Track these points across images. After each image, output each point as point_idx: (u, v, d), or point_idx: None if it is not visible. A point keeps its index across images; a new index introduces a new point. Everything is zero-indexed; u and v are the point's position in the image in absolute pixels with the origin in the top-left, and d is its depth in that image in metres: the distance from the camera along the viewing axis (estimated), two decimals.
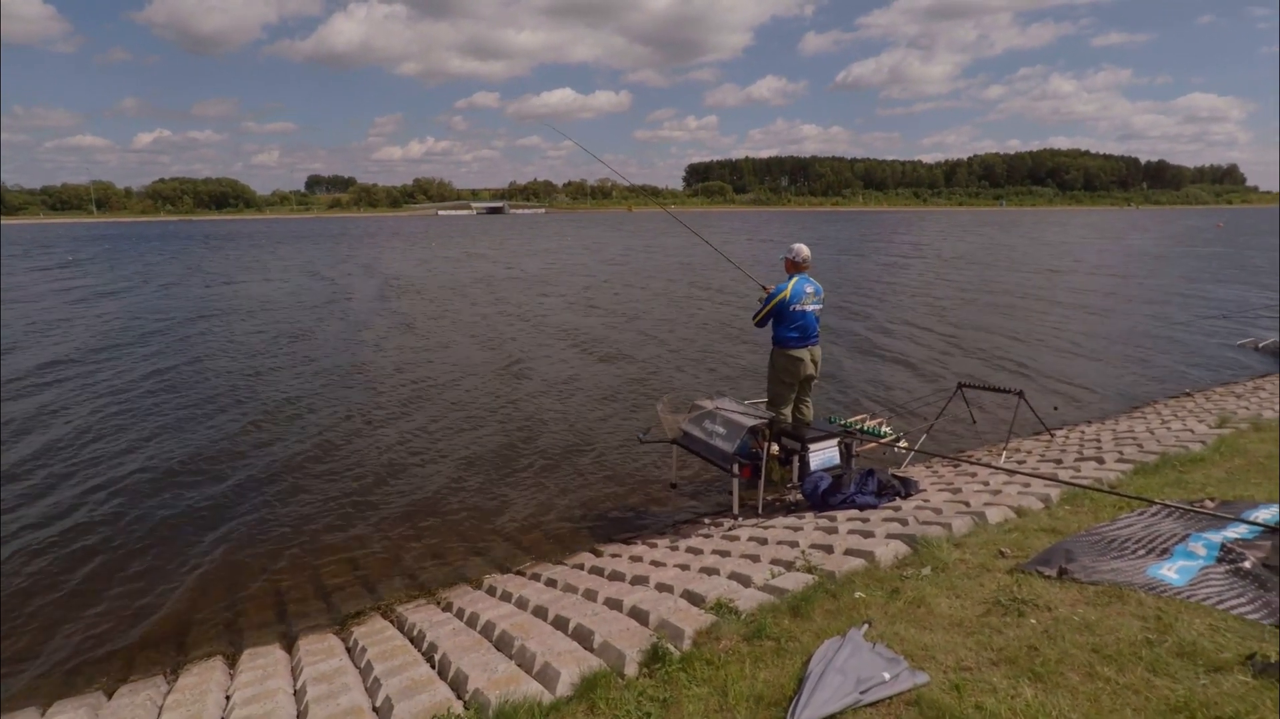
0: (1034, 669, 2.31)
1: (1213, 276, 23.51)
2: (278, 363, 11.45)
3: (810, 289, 5.74)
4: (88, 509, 5.96)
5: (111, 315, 16.67)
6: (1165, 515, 3.61)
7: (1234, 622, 2.50)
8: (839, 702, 2.23)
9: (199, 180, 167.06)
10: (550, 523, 5.70)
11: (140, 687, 3.60)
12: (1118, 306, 17.05)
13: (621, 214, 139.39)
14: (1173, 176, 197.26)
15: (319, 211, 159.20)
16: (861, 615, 2.84)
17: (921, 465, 6.42)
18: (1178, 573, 2.92)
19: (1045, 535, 3.53)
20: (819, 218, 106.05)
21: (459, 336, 13.75)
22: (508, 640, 3.20)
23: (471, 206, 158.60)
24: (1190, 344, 12.52)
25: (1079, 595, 2.81)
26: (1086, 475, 4.79)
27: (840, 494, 4.84)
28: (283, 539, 5.43)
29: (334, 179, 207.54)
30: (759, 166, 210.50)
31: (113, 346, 12.86)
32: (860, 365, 10.96)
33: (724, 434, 5.30)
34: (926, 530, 3.70)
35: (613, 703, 2.44)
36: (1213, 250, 35.66)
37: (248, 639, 4.16)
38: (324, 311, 17.04)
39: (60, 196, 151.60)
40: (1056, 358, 11.49)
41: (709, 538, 4.78)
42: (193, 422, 8.35)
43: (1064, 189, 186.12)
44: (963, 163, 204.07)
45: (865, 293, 19.73)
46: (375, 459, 7.09)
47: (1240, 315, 15.42)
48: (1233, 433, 5.48)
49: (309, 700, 3.00)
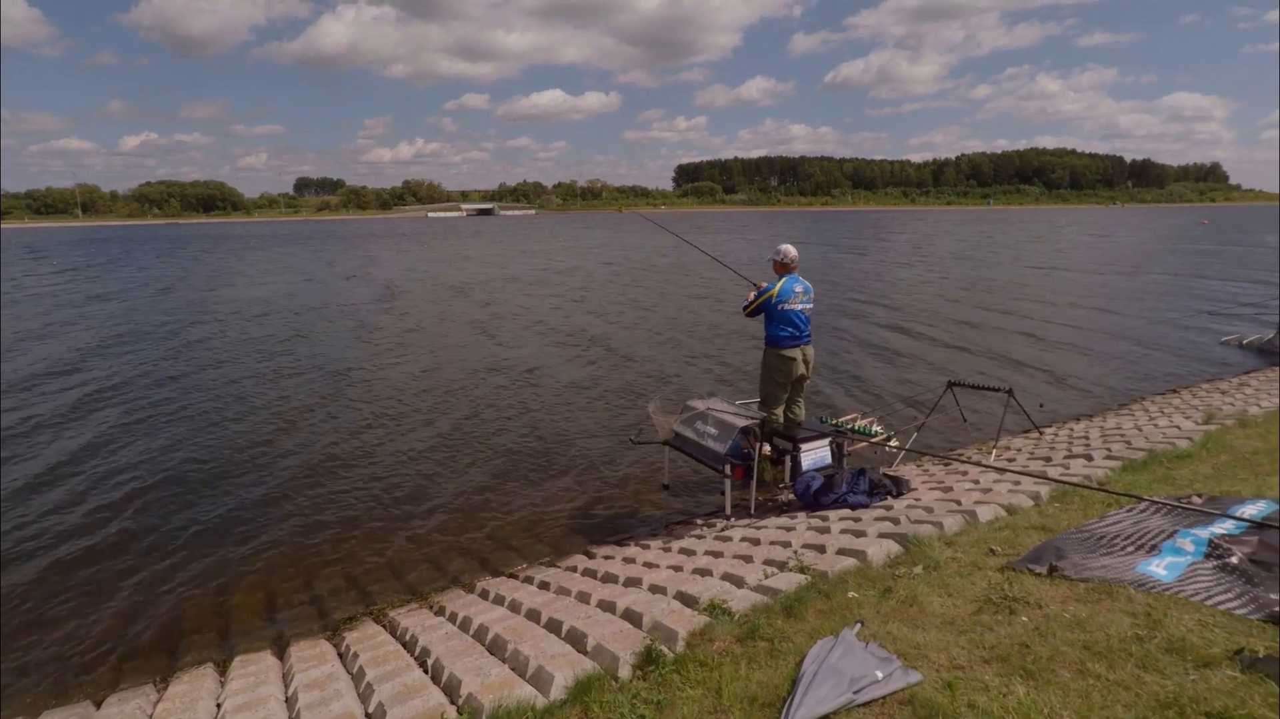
0: (1025, 667, 2.32)
1: (1198, 274, 23.75)
2: (264, 370, 11.38)
3: (799, 288, 5.76)
4: (76, 516, 5.90)
5: (103, 322, 16.52)
6: (1154, 512, 3.64)
7: (1222, 617, 2.53)
8: (833, 702, 2.24)
9: (186, 183, 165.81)
10: (543, 525, 5.69)
11: (130, 695, 3.57)
12: (1104, 304, 17.19)
13: (612, 215, 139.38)
14: (1157, 175, 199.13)
15: (307, 214, 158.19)
16: (854, 615, 2.85)
17: (912, 464, 6.45)
18: (1166, 569, 2.95)
19: (1036, 533, 3.55)
20: (808, 217, 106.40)
21: (448, 340, 13.70)
22: (501, 644, 3.19)
23: (461, 208, 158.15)
24: (1176, 341, 12.64)
25: (1069, 593, 2.83)
26: (1076, 473, 4.82)
27: (832, 494, 4.86)
28: (273, 545, 5.39)
29: (323, 181, 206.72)
30: (748, 167, 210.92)
31: (103, 356, 12.74)
32: (851, 364, 10.99)
33: (716, 435, 5.30)
34: (918, 529, 3.72)
35: (607, 706, 2.44)
36: (1197, 248, 36.03)
37: (239, 646, 4.13)
38: (315, 317, 16.95)
39: (45, 200, 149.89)
40: (1044, 355, 11.57)
41: (702, 539, 4.78)
42: (181, 430, 8.28)
43: (1050, 188, 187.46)
44: (950, 162, 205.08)
45: (855, 292, 19.80)
46: (365, 464, 7.05)
47: (1225, 312, 15.58)
48: (1219, 429, 5.54)
49: (301, 707, 2.98)
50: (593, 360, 11.60)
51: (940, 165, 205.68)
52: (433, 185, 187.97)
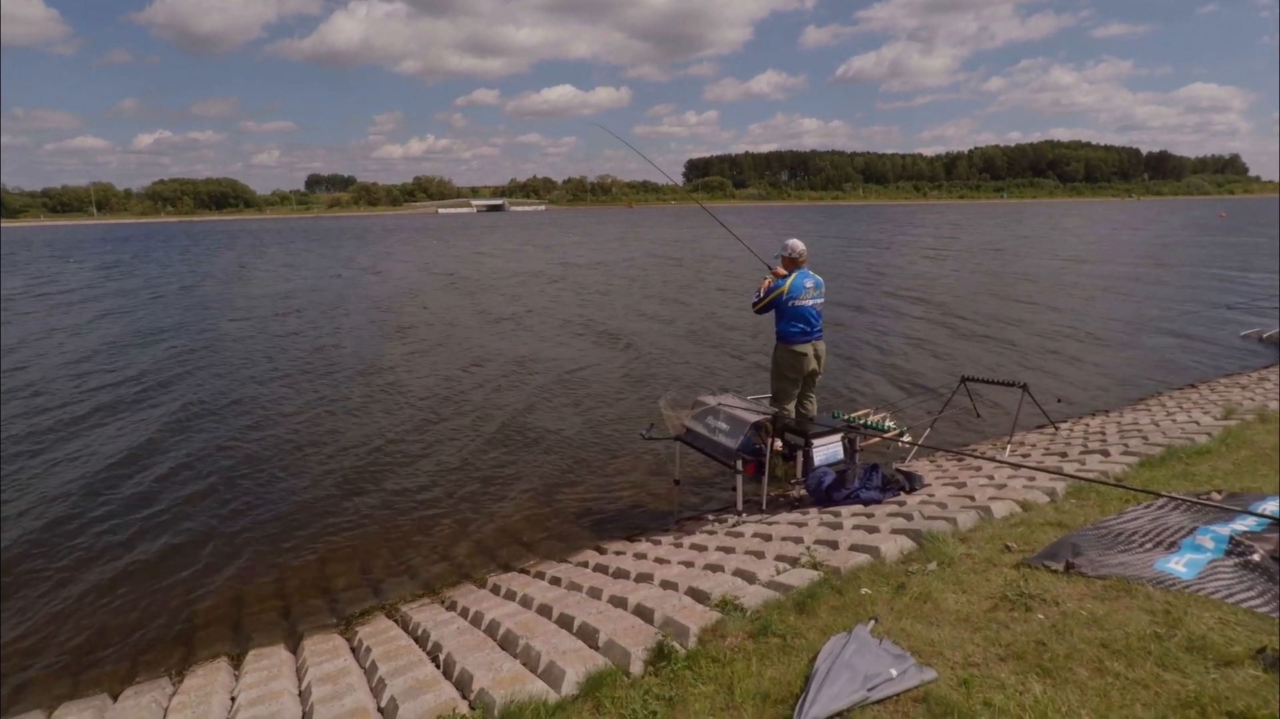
0: (1042, 665, 2.30)
1: (1216, 266, 23.42)
2: (277, 365, 11.45)
3: (810, 284, 5.73)
4: (91, 510, 5.96)
5: (121, 318, 16.69)
6: (1172, 508, 3.59)
7: (1243, 615, 2.48)
8: (846, 699, 2.22)
9: (199, 181, 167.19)
10: (554, 521, 5.69)
11: (145, 688, 3.60)
12: (1119, 298, 16.99)
13: (622, 210, 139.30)
14: (1174, 167, 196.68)
15: (319, 211, 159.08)
16: (867, 611, 2.82)
17: (926, 460, 6.40)
18: (1186, 566, 2.90)
19: (1051, 529, 3.51)
20: (819, 211, 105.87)
21: (462, 334, 13.74)
22: (512, 639, 3.19)
23: (472, 204, 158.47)
24: (1194, 335, 12.47)
25: (1086, 590, 2.79)
26: (1092, 468, 4.77)
27: (844, 490, 4.83)
28: (286, 539, 5.43)
29: (334, 178, 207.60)
30: (759, 161, 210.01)
31: (114, 348, 12.87)
32: (863, 360, 10.92)
33: (727, 430, 5.28)
34: (932, 525, 3.68)
35: (618, 702, 2.43)
36: (1215, 240, 35.55)
37: (253, 640, 4.16)
38: (334, 313, 17.02)
39: (61, 199, 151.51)
40: (1059, 349, 11.45)
41: (713, 535, 4.77)
42: (196, 423, 8.35)
43: (1065, 181, 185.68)
44: (963, 155, 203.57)
45: (867, 286, 19.68)
46: (379, 458, 7.08)
47: (1244, 306, 15.35)
48: (1239, 424, 5.46)
49: (314, 701, 3.00)
50: (606, 356, 11.59)
51: (952, 159, 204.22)
52: (443, 181, 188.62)
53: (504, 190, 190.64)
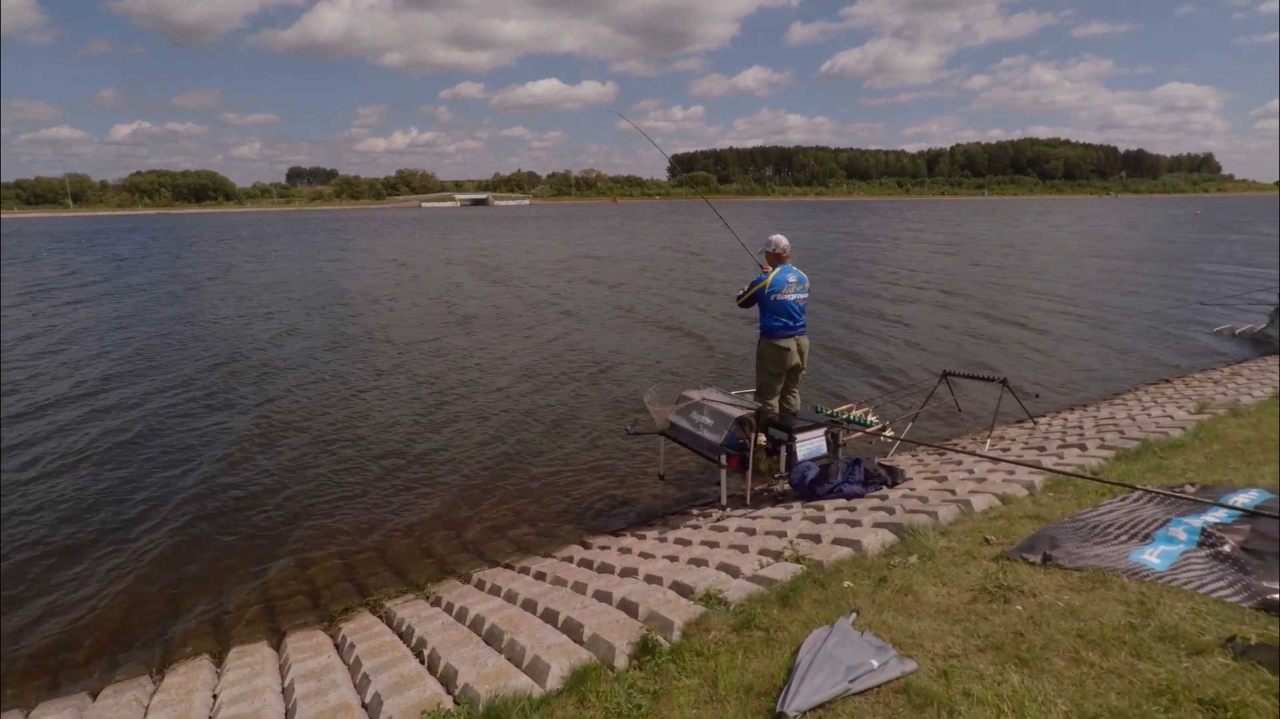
0: (1020, 655, 2.34)
1: (1190, 263, 23.82)
2: (263, 361, 11.33)
3: (793, 279, 5.75)
4: (70, 509, 5.88)
5: (112, 310, 16.41)
6: (1146, 501, 3.66)
7: (1214, 605, 2.54)
8: (829, 690, 2.25)
9: (177, 173, 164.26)
10: (539, 516, 5.69)
11: (125, 687, 3.56)
12: (1097, 294, 17.24)
13: (606, 205, 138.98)
14: (1151, 165, 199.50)
15: (300, 204, 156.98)
16: (849, 604, 2.86)
17: (907, 454, 6.46)
18: (1159, 558, 2.96)
19: (1030, 522, 3.56)
20: (802, 207, 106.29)
21: (445, 332, 13.66)
22: (497, 634, 3.20)
23: (455, 198, 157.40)
24: (1169, 331, 12.70)
25: (1063, 581, 2.84)
26: (1069, 462, 4.84)
27: (827, 484, 4.87)
28: (269, 536, 5.38)
29: (316, 171, 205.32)
30: (744, 157, 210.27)
31: (101, 346, 12.66)
32: (845, 354, 11.01)
33: (711, 425, 5.31)
34: (913, 519, 3.73)
35: (603, 695, 2.44)
36: (1190, 237, 36.13)
37: (235, 637, 4.12)
38: (312, 305, 16.87)
39: (34, 190, 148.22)
40: (1038, 344, 11.61)
41: (697, 529, 4.79)
42: (178, 421, 8.25)
43: (1045, 178, 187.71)
44: (945, 152, 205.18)
45: (848, 282, 19.81)
46: (361, 454, 7.03)
47: (1217, 302, 15.64)
48: (1211, 419, 5.56)
49: (297, 698, 2.98)
50: (589, 351, 11.58)
51: (935, 155, 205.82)
52: (426, 175, 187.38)
53: (488, 184, 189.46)
